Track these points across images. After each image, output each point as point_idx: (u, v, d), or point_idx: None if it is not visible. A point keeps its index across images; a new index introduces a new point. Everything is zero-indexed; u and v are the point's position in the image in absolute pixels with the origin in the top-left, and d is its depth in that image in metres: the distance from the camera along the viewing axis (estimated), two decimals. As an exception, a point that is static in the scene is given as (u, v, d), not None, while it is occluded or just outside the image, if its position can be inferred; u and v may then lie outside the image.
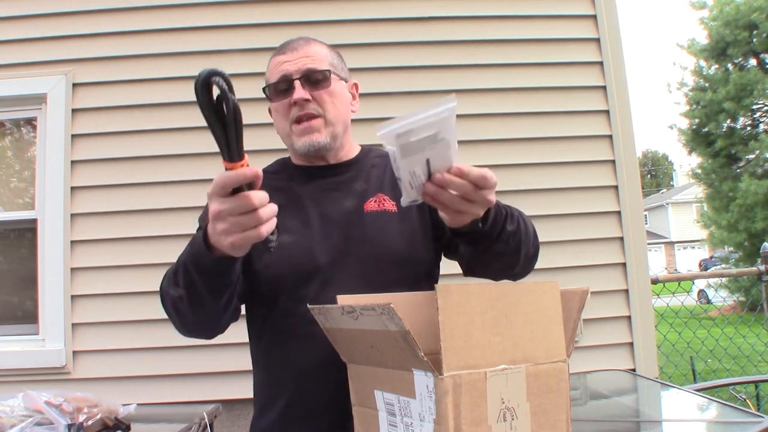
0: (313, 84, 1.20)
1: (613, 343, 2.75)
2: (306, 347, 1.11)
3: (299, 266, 1.15)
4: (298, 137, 1.20)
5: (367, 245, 1.16)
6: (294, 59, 1.20)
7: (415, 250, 1.19)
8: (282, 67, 1.21)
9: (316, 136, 1.19)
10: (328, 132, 1.21)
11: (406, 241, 1.19)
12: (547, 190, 2.82)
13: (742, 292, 9.13)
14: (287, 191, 1.23)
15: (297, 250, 1.15)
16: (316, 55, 1.22)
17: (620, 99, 2.88)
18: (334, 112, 1.21)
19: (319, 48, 1.24)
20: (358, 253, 1.16)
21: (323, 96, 1.20)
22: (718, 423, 1.89)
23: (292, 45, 1.23)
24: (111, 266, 2.66)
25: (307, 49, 1.22)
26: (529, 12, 2.93)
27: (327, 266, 1.14)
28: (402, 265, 1.17)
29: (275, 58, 1.24)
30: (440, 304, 0.79)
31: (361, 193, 1.23)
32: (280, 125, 1.24)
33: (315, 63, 1.20)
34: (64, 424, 1.51)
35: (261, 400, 1.22)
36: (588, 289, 0.95)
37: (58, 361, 2.58)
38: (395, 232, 1.19)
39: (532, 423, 0.85)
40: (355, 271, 1.14)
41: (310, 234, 1.17)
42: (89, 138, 2.75)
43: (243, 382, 1.47)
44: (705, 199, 14.46)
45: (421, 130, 0.86)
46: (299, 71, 1.19)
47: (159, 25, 2.80)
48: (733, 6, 12.94)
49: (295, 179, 1.26)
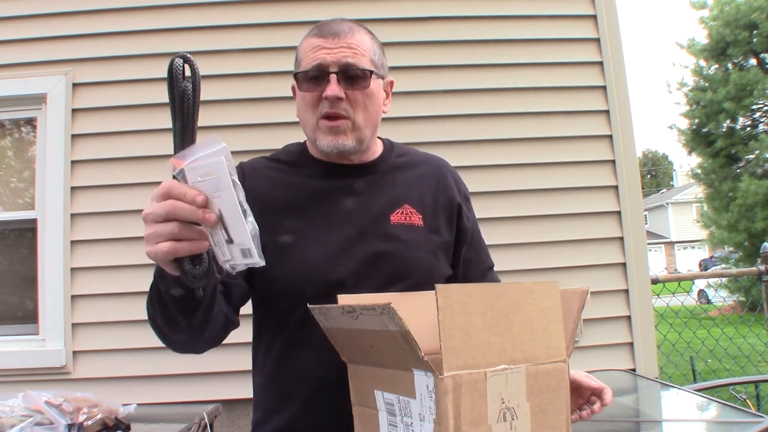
0: (349, 81, 1.10)
1: (613, 343, 2.76)
2: (323, 357, 1.05)
3: (321, 278, 1.08)
4: (324, 135, 1.12)
5: (394, 260, 1.11)
6: (334, 47, 1.10)
7: (439, 267, 1.16)
8: (319, 53, 1.10)
9: (342, 138, 1.11)
10: (355, 136, 1.13)
11: (432, 258, 1.16)
12: (547, 190, 2.82)
13: (742, 292, 9.13)
14: (307, 188, 1.16)
15: (318, 261, 1.09)
16: (359, 48, 1.12)
17: (620, 99, 2.88)
18: (365, 116, 1.13)
19: (364, 38, 1.14)
20: (384, 268, 1.11)
21: (358, 97, 1.11)
22: (718, 423, 1.89)
23: (334, 28, 1.12)
24: (111, 266, 2.66)
25: (351, 38, 1.12)
26: (529, 12, 2.93)
27: (350, 279, 1.09)
28: (425, 282, 1.09)
29: (312, 39, 1.13)
30: (440, 304, 0.79)
31: (387, 200, 1.16)
32: (306, 116, 1.14)
33: (356, 57, 1.11)
34: (64, 424, 1.51)
35: (267, 404, 1.17)
36: (588, 289, 0.95)
37: (58, 361, 2.58)
38: (422, 248, 1.15)
39: (532, 423, 0.85)
40: (377, 285, 1.09)
41: (332, 241, 1.11)
42: (89, 138, 2.75)
43: (243, 382, 1.47)
44: (705, 200, 14.46)
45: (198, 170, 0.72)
46: (337, 63, 1.09)
47: (159, 25, 2.80)
48: (733, 6, 12.93)
49: (315, 176, 1.17)
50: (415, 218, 1.16)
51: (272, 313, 1.14)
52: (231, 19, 2.82)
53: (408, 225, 1.15)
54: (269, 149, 1.39)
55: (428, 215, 1.18)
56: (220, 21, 2.82)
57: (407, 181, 1.20)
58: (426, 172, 1.24)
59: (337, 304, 0.96)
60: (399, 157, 1.24)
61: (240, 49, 2.77)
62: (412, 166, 1.24)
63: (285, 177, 1.18)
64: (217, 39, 2.80)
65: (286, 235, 1.11)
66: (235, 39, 2.79)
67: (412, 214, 1.16)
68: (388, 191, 1.17)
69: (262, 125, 2.66)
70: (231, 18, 2.82)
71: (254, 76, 2.71)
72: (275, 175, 1.18)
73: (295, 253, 1.10)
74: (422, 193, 1.20)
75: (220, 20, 2.82)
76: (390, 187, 1.18)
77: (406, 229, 1.15)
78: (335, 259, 1.10)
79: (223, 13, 2.83)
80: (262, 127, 2.66)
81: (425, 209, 1.19)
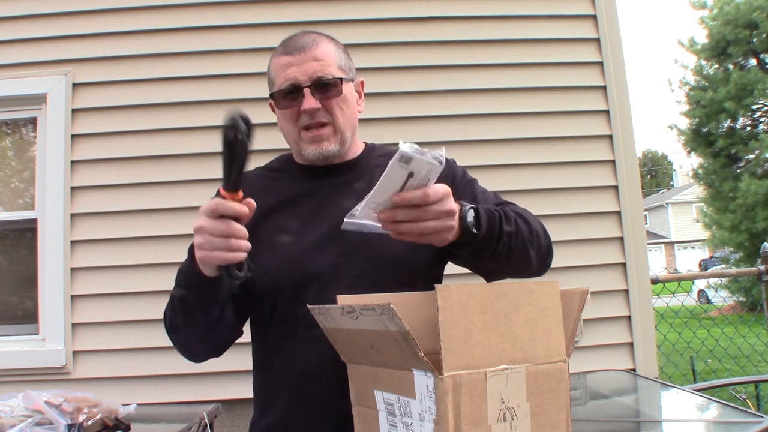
0: (322, 91, 1.16)
1: (613, 343, 2.75)
2: (306, 349, 1.11)
3: (298, 271, 1.14)
4: (308, 145, 1.19)
5: (367, 247, 1.14)
6: (301, 63, 1.16)
7: (414, 251, 1.14)
8: (289, 72, 1.16)
9: (326, 145, 1.18)
10: (338, 139, 1.19)
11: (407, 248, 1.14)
12: (547, 190, 2.82)
13: (742, 292, 9.13)
14: (288, 190, 1.23)
15: (295, 254, 1.15)
16: (325, 58, 1.17)
17: (620, 99, 2.88)
18: (343, 119, 1.19)
19: (328, 47, 1.20)
20: (358, 255, 1.14)
21: (333, 104, 1.17)
22: (718, 423, 1.89)
23: (297, 44, 1.18)
24: (111, 266, 2.66)
25: (316, 50, 1.17)
26: (529, 12, 2.93)
27: (326, 270, 1.14)
28: (402, 266, 1.15)
29: (280, 59, 1.19)
30: (440, 304, 0.79)
31: (362, 193, 1.19)
32: (287, 129, 1.21)
33: (324, 69, 1.16)
34: (64, 424, 1.51)
35: (261, 401, 1.21)
36: (588, 288, 0.95)
37: (58, 361, 2.58)
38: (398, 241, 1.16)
39: (532, 423, 0.85)
40: (354, 273, 1.13)
41: (309, 236, 1.17)
42: (89, 138, 2.74)
43: (243, 382, 1.47)
44: (705, 200, 14.45)
45: (424, 165, 0.88)
46: (309, 79, 1.15)
47: (159, 25, 2.80)
48: (733, 5, 12.93)
49: (298, 179, 1.25)
50: None
51: (260, 308, 1.19)
52: (231, 19, 2.82)
53: None
54: (269, 149, 1.40)
55: None
56: (220, 21, 2.81)
57: None
58: None
59: (337, 305, 0.96)
60: (380, 156, 1.27)
61: (240, 49, 2.77)
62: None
63: (270, 183, 1.26)
64: (217, 39, 2.80)
65: (268, 234, 1.17)
66: (235, 39, 2.79)
67: None
68: (364, 184, 1.20)
69: (262, 125, 2.65)
70: (231, 18, 2.82)
71: (254, 76, 2.70)
72: (261, 182, 1.26)
73: (273, 249, 1.16)
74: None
75: (220, 20, 2.81)
76: (367, 181, 1.20)
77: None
78: (311, 251, 1.15)
79: (223, 13, 2.82)
80: (262, 127, 2.66)
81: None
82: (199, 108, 2.76)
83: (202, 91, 2.77)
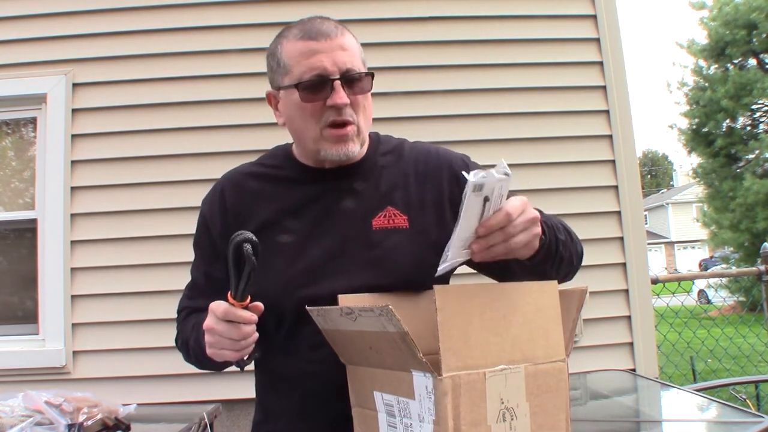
0: (351, 86, 1.06)
1: (613, 343, 2.75)
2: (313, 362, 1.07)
3: (299, 296, 1.06)
4: (332, 145, 1.07)
5: (375, 267, 1.07)
6: (329, 50, 1.05)
7: (424, 271, 1.03)
8: (316, 60, 1.04)
9: (351, 145, 1.08)
10: (360, 140, 1.10)
11: (417, 261, 1.08)
12: (547, 190, 2.82)
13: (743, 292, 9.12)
14: (289, 197, 1.13)
15: (295, 277, 1.08)
16: (351, 49, 1.08)
17: (620, 99, 2.88)
18: (365, 119, 1.10)
19: (350, 38, 1.10)
20: (365, 276, 1.07)
21: (360, 101, 1.08)
22: (718, 423, 1.89)
23: (321, 29, 1.07)
24: (111, 266, 2.66)
25: (342, 39, 1.07)
26: (529, 12, 2.93)
27: (330, 292, 1.04)
28: (409, 285, 1.07)
29: (298, 44, 1.06)
30: (439, 305, 0.79)
31: (370, 203, 1.12)
32: (304, 126, 1.08)
33: (353, 60, 1.07)
34: (64, 424, 1.51)
35: (266, 405, 1.19)
36: (586, 288, 0.95)
37: (58, 361, 2.58)
38: (406, 252, 1.09)
39: (532, 423, 0.85)
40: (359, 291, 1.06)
41: (312, 256, 1.09)
42: (89, 138, 2.75)
43: (243, 382, 1.47)
44: (705, 199, 14.45)
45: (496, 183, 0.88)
46: (339, 70, 1.05)
47: (159, 25, 2.80)
48: (732, 6, 12.92)
49: (299, 181, 1.14)
50: (400, 220, 1.11)
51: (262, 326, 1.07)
52: (231, 19, 2.82)
53: (391, 229, 1.10)
54: (268, 149, 1.38)
55: (414, 215, 1.12)
56: (220, 21, 2.82)
57: (392, 181, 1.14)
58: (412, 166, 1.17)
59: (335, 306, 0.96)
60: (384, 154, 1.18)
61: (240, 49, 2.77)
62: (397, 162, 1.17)
63: (266, 188, 1.15)
64: (217, 39, 2.80)
65: (267, 250, 1.03)
66: (235, 39, 2.79)
67: (396, 216, 1.11)
68: (372, 193, 1.12)
69: (263, 125, 2.66)
70: (231, 18, 2.82)
71: (254, 76, 2.70)
72: (256, 186, 1.16)
73: (272, 270, 1.07)
74: (408, 192, 1.14)
75: (220, 20, 2.82)
76: (374, 188, 1.13)
77: (389, 234, 1.10)
78: (315, 272, 1.08)
79: (222, 13, 2.83)
80: (262, 128, 2.65)
81: (411, 209, 1.12)
82: (199, 108, 2.76)
83: (202, 91, 2.77)
